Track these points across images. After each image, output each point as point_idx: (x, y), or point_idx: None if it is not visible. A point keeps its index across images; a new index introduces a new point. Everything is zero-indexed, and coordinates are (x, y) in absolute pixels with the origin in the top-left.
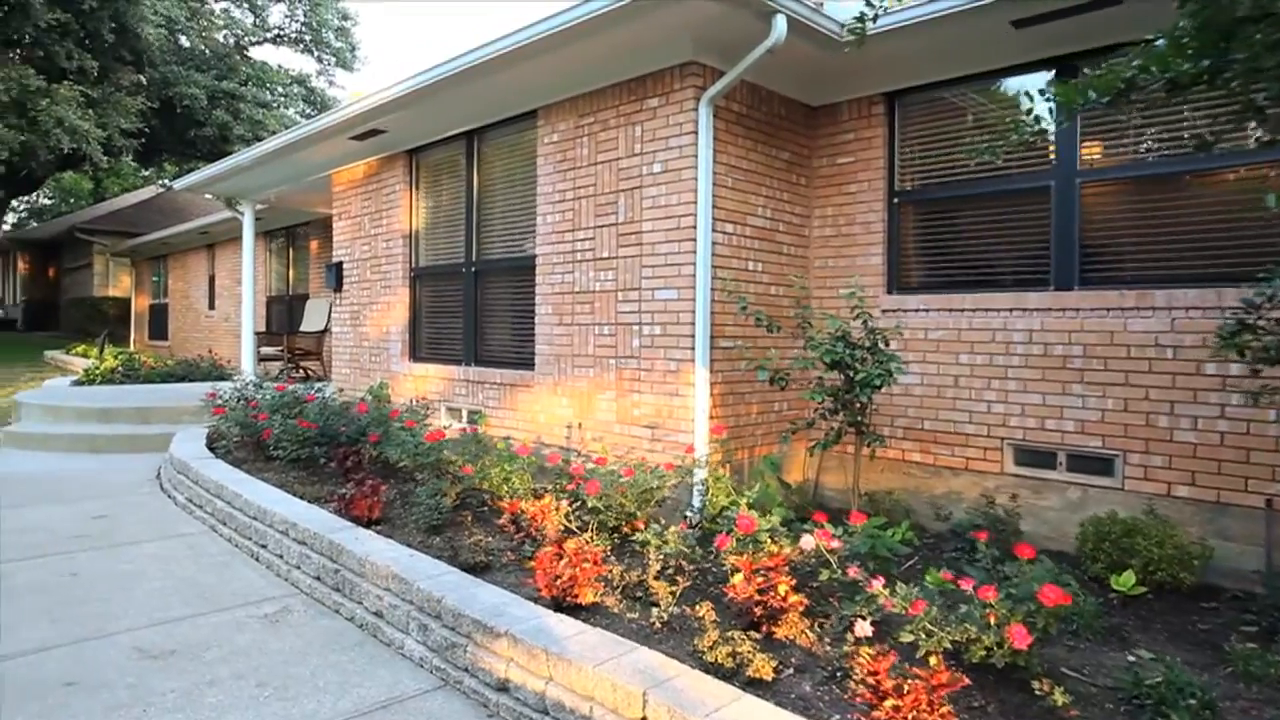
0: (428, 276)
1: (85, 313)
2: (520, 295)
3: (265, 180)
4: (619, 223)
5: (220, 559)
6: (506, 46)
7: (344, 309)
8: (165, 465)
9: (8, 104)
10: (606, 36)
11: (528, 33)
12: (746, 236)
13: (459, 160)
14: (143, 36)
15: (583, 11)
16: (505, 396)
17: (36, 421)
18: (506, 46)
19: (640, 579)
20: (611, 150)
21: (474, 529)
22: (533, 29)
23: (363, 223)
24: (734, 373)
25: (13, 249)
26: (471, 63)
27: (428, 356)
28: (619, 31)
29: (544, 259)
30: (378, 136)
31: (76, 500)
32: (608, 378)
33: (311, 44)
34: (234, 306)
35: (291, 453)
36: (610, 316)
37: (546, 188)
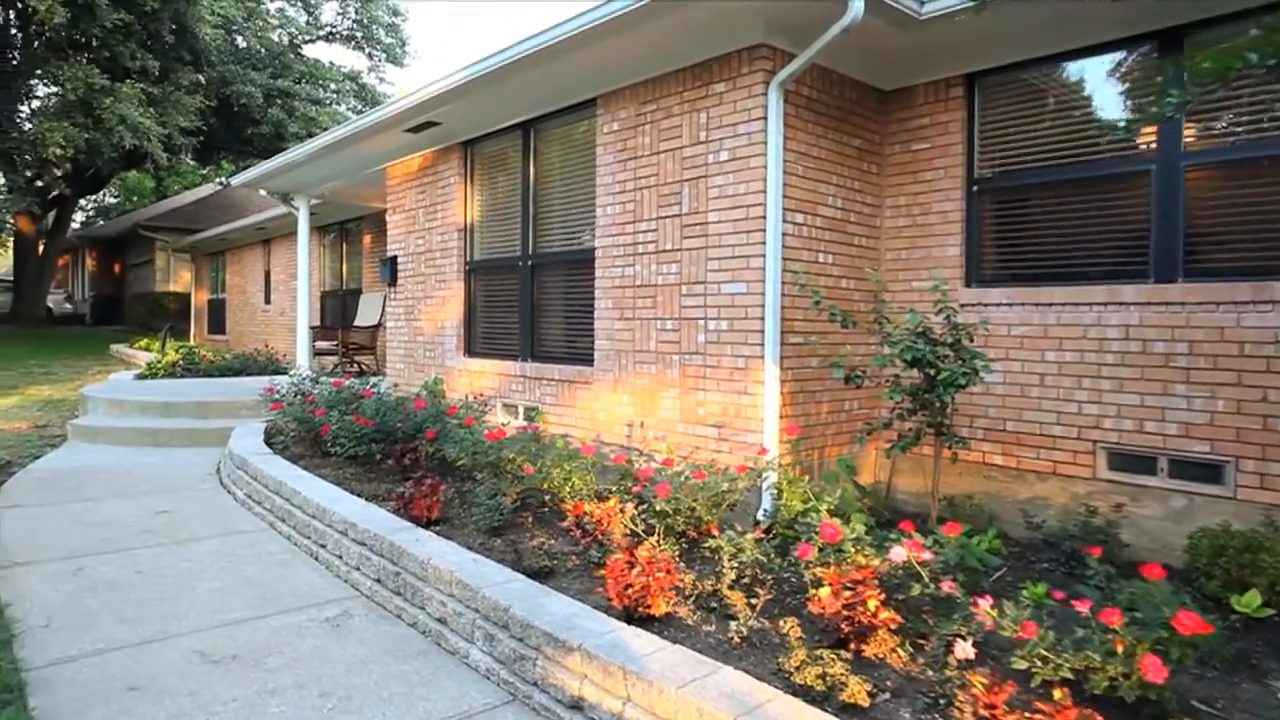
0: (483, 270)
1: (148, 307)
2: (578, 289)
3: (320, 175)
4: (683, 213)
5: (280, 558)
6: (567, 32)
7: (398, 303)
8: (225, 460)
9: (75, 103)
10: (672, 19)
11: (589, 17)
12: (817, 227)
13: (515, 152)
14: (200, 36)
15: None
16: (563, 393)
17: (102, 415)
18: (567, 32)
19: (714, 588)
20: (675, 138)
21: (535, 531)
22: (595, 13)
23: (417, 216)
24: (804, 370)
25: (81, 246)
26: (530, 50)
27: (483, 352)
28: (685, 14)
29: (603, 252)
30: (432, 129)
31: (141, 495)
32: (671, 374)
33: (363, 40)
34: (289, 301)
35: (349, 450)
36: (673, 311)
37: (606, 178)
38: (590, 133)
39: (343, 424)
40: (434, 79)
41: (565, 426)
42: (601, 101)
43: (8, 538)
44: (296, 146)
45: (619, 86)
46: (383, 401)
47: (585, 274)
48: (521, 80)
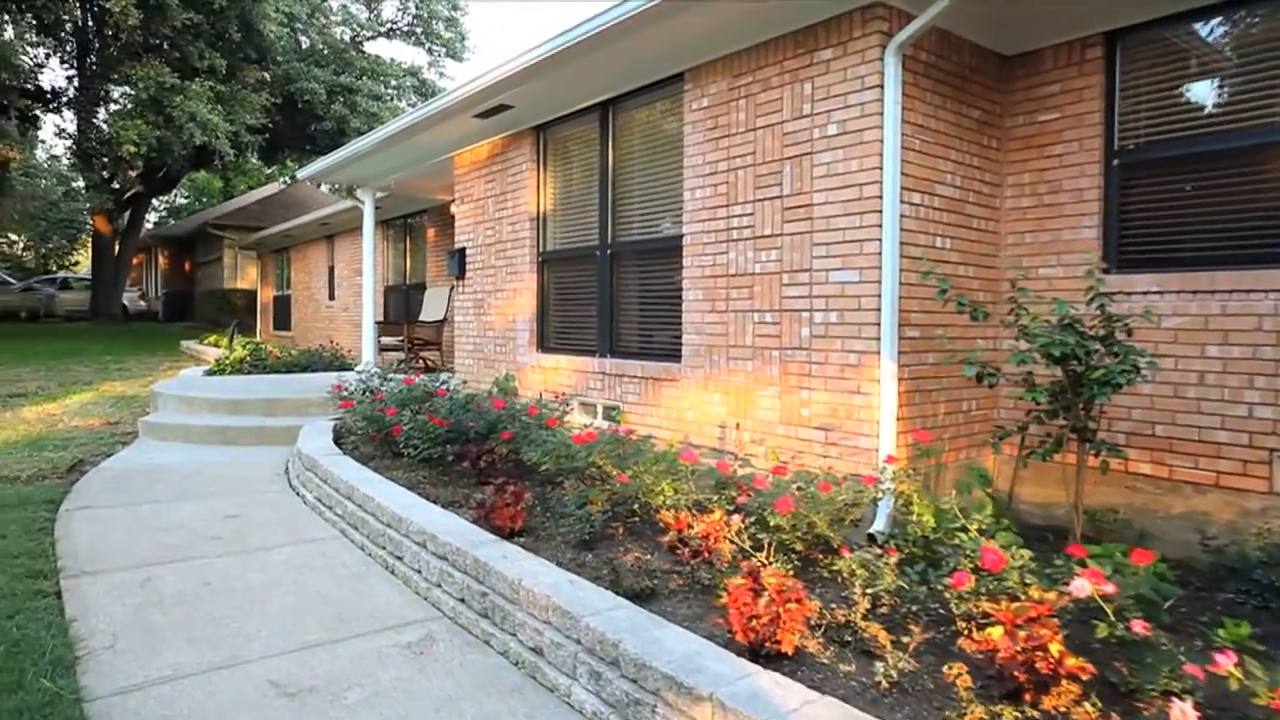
0: (557, 261)
1: (216, 304)
2: (663, 280)
3: (385, 166)
4: (784, 195)
5: (354, 570)
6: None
7: (467, 297)
8: (293, 460)
9: (146, 101)
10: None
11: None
12: (934, 209)
13: (592, 134)
14: (266, 34)
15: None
16: (646, 391)
17: (172, 412)
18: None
19: (846, 619)
20: (774, 113)
21: (629, 544)
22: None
23: (486, 206)
24: (920, 367)
25: (154, 245)
26: (611, 23)
27: (557, 347)
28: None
29: (692, 239)
30: (503, 113)
31: (210, 496)
32: (770, 372)
33: (422, 36)
34: (353, 296)
35: (423, 451)
36: (773, 302)
37: (695, 159)
38: (676, 110)
39: (415, 424)
40: (505, 59)
41: (649, 427)
42: (690, 76)
43: (78, 543)
44: (364, 136)
45: (709, 59)
46: (453, 400)
47: (671, 263)
48: (601, 57)
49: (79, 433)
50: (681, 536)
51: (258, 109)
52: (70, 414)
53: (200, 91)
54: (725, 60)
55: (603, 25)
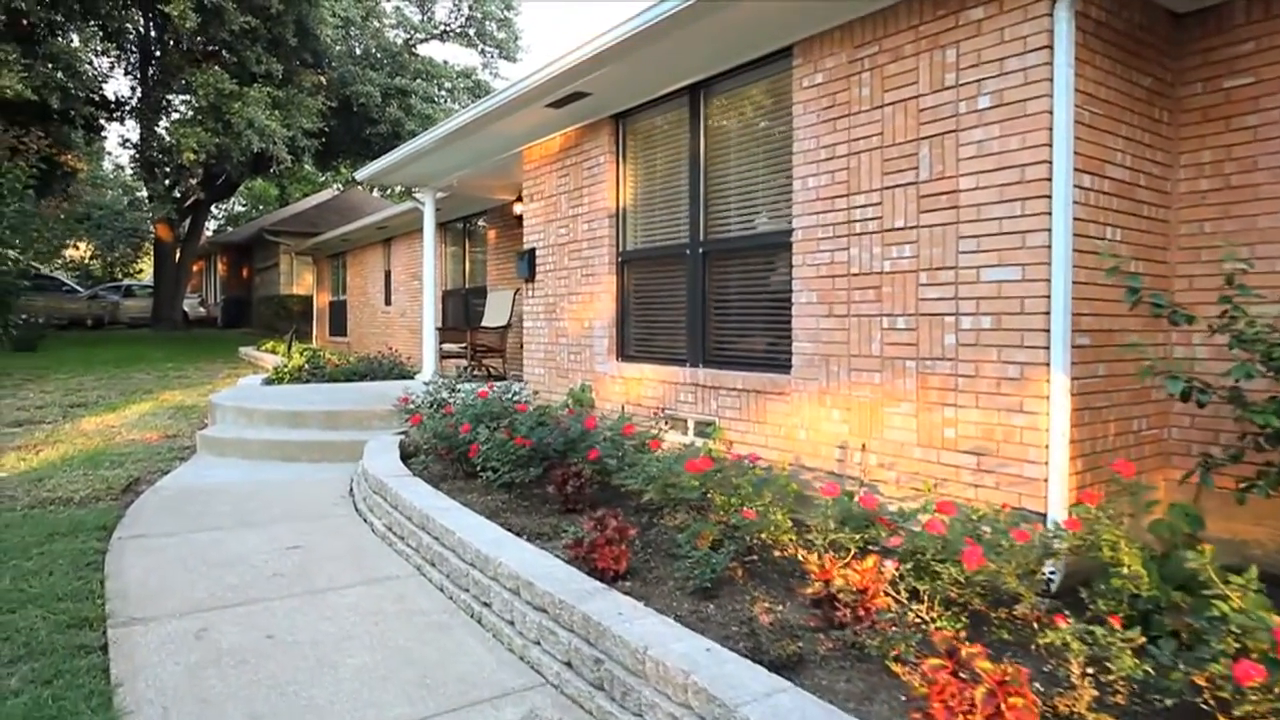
0: (639, 261)
1: (273, 310)
2: (767, 280)
3: (448, 164)
4: (920, 180)
5: (435, 618)
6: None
7: (536, 301)
8: (358, 481)
9: (206, 108)
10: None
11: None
12: (1103, 193)
13: (680, 121)
14: (322, 38)
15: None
16: (748, 406)
17: (230, 425)
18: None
19: (1071, 710)
20: (906, 86)
21: (755, 591)
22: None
23: (559, 203)
24: (1091, 380)
25: (214, 252)
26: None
27: (640, 355)
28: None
29: (804, 234)
30: (579, 101)
31: (270, 523)
32: (903, 385)
33: (475, 37)
34: (410, 301)
35: (503, 475)
36: (906, 305)
37: (807, 143)
38: (782, 90)
39: (493, 442)
40: (582, 41)
41: (751, 445)
42: (800, 50)
43: (129, 580)
44: (426, 132)
45: (824, 29)
46: (534, 416)
47: (776, 262)
48: (693, 33)
49: (136, 447)
50: (830, 589)
51: (314, 113)
52: (129, 426)
53: (258, 97)
54: (843, 29)
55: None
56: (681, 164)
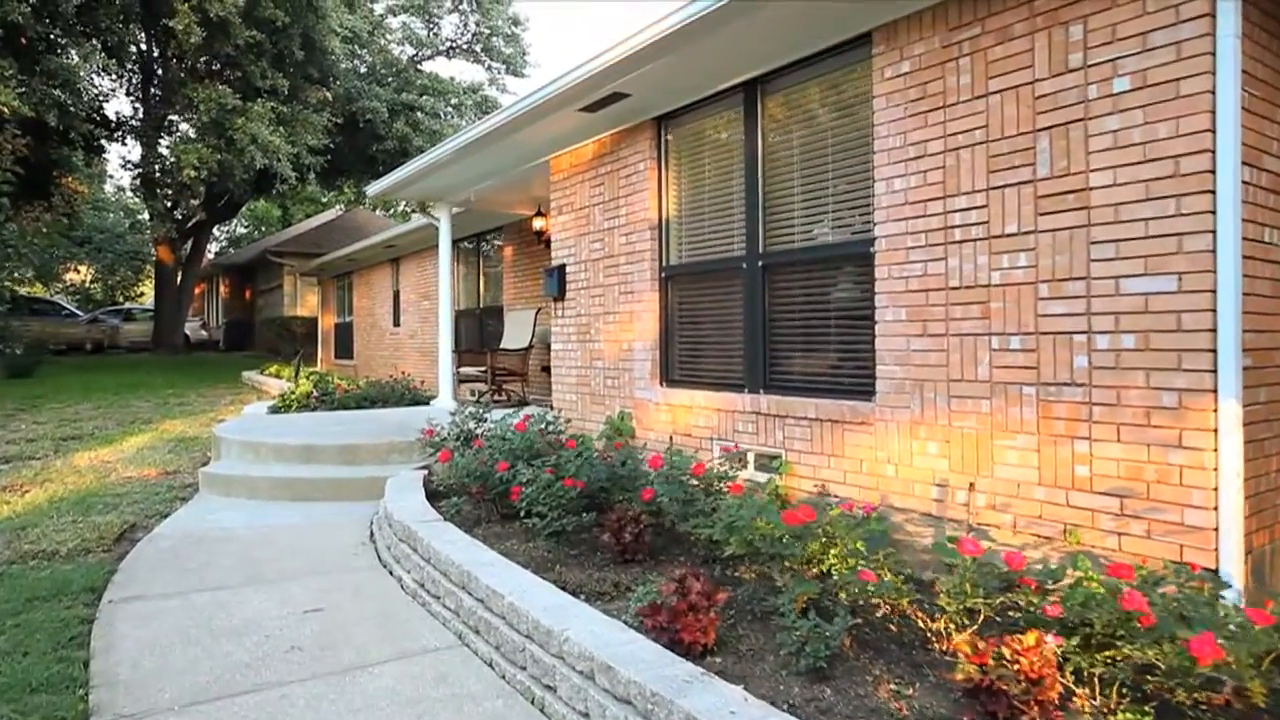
0: (686, 277)
1: (276, 332)
2: (841, 296)
3: (467, 176)
4: (1038, 178)
5: (489, 707)
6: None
7: (567, 321)
8: (380, 525)
9: (208, 124)
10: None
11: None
12: (1260, 188)
13: (733, 122)
14: (329, 52)
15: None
16: (822, 437)
17: (236, 460)
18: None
19: None
20: (1018, 70)
21: (874, 669)
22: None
23: (592, 215)
24: (1254, 407)
25: (216, 274)
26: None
27: (688, 380)
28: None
29: (889, 242)
30: (618, 103)
31: (284, 578)
32: (1019, 414)
33: (482, 53)
34: (420, 323)
35: (553, 523)
36: (1022, 322)
37: (891, 140)
38: (858, 82)
39: (538, 482)
40: (622, 37)
41: (824, 480)
42: (881, 36)
43: (119, 660)
44: (443, 143)
45: (911, 11)
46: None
47: (855, 274)
48: (752, 24)
49: (133, 486)
50: (988, 676)
51: (319, 129)
52: (125, 461)
53: (261, 112)
54: (935, 11)
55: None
56: (735, 169)
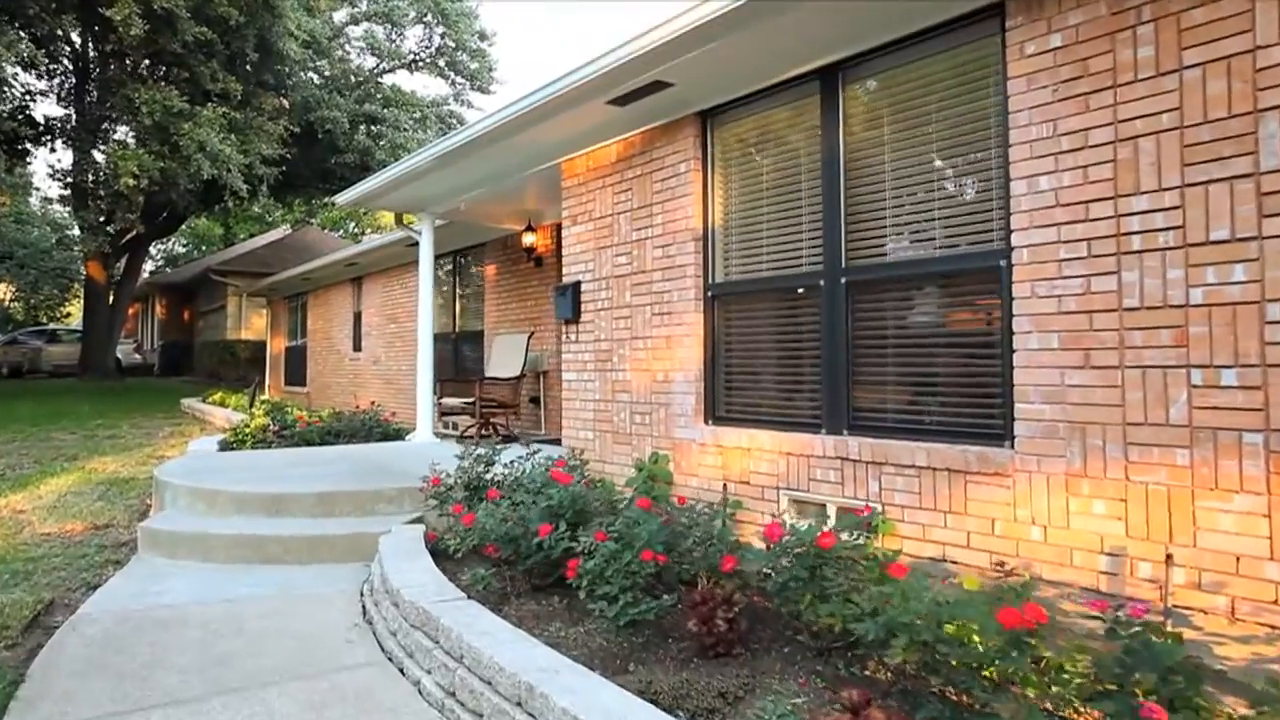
0: (740, 296)
1: (218, 356)
2: (958, 318)
3: (457, 183)
4: (1262, 171)
5: None
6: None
7: (583, 347)
8: (379, 601)
9: (150, 128)
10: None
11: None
12: None
13: (804, 115)
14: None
15: None
16: (935, 489)
17: (185, 511)
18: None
19: None
20: (1227, 39)
21: None
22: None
23: (616, 225)
24: None
25: (152, 293)
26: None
27: (743, 417)
28: None
29: (1032, 253)
30: (656, 94)
31: (260, 684)
32: (1236, 468)
33: (446, 67)
34: (385, 348)
35: (626, 609)
36: (1239, 351)
37: (1035, 129)
38: (983, 63)
39: (600, 554)
40: (671, 15)
41: (937, 543)
42: (1018, 6)
43: None
44: (434, 143)
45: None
46: (669, 520)
47: (975, 292)
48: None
49: (51, 546)
50: None
51: (274, 139)
52: (43, 511)
53: (211, 118)
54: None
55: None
56: (806, 171)
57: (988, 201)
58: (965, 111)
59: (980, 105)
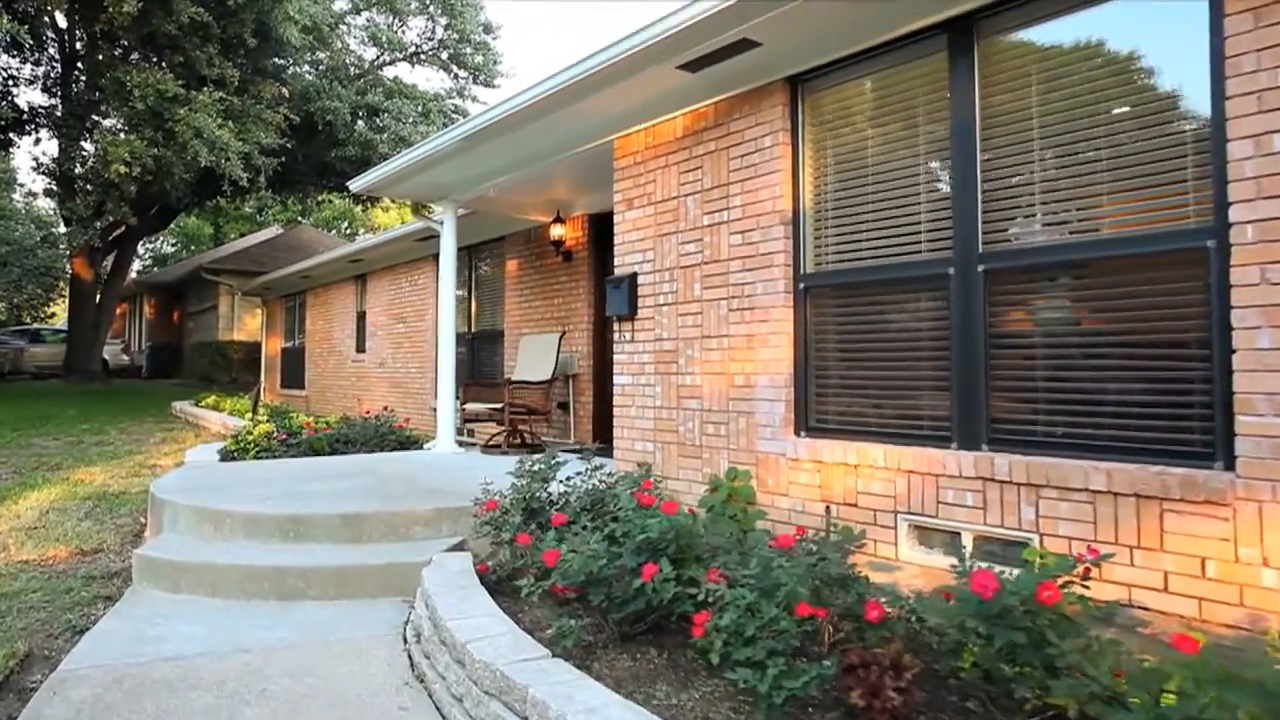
0: (839, 288)
1: (210, 358)
2: (1138, 312)
3: (489, 166)
4: None
5: None
6: None
7: (640, 347)
8: (432, 652)
9: (143, 112)
10: None
11: None
12: None
13: (926, 77)
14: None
15: None
16: (1116, 518)
17: (187, 534)
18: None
19: None
20: None
21: None
22: None
23: (682, 208)
24: None
25: (140, 293)
26: None
27: (845, 428)
28: None
29: (1258, 231)
30: (736, 58)
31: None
32: None
33: (449, 60)
34: (392, 349)
35: (778, 682)
36: None
37: (1265, 78)
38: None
39: (734, 603)
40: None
41: (1119, 586)
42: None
43: None
44: (458, 125)
45: None
46: (818, 557)
47: (1168, 279)
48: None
49: (30, 578)
50: None
51: (274, 127)
52: (21, 533)
53: (208, 102)
54: None
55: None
56: (925, 142)
57: (1181, 170)
58: (1142, 64)
59: (1169, 54)
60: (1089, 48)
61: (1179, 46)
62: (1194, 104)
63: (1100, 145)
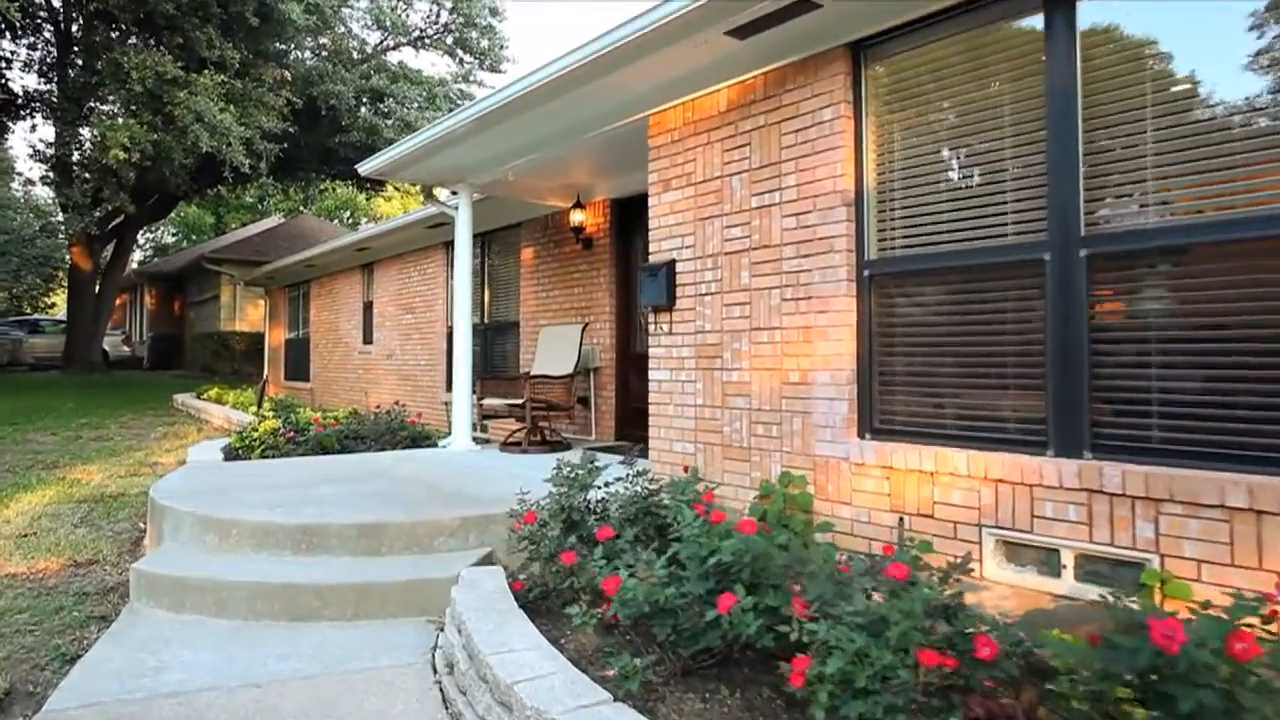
0: (909, 276)
1: (211, 349)
2: None
3: (504, 148)
4: None
5: None
6: None
7: (679, 340)
8: (469, 688)
9: (141, 95)
10: None
11: None
12: None
13: (1013, 40)
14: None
15: None
16: (1261, 538)
17: (190, 544)
18: None
19: None
20: None
21: None
22: None
23: (727, 189)
24: None
25: (140, 283)
26: None
27: (918, 430)
28: None
29: None
30: (792, 21)
31: None
32: None
33: (454, 45)
34: (401, 340)
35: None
36: None
37: None
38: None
39: (839, 648)
40: None
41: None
42: None
43: None
44: (475, 102)
45: None
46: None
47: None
48: None
49: (17, 594)
50: None
51: (276, 112)
52: (10, 542)
53: (209, 85)
54: None
55: None
56: (1012, 113)
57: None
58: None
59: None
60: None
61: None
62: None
63: (1231, 110)
